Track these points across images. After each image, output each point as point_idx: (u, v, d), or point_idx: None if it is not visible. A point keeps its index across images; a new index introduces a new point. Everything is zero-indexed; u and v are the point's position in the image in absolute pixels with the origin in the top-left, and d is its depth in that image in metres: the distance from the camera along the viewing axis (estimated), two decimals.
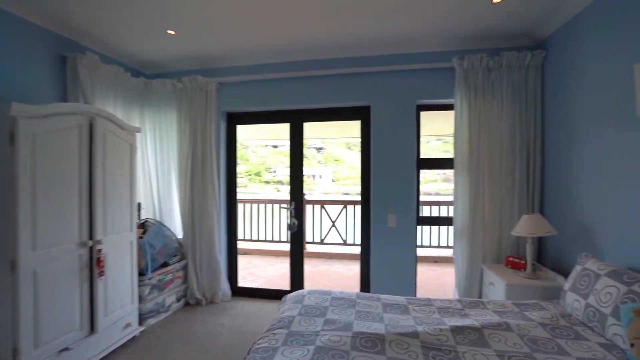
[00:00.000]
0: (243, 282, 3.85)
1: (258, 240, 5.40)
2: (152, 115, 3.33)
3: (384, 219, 3.07)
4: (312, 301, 2.03)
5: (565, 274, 2.28)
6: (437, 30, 2.68)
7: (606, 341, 1.53)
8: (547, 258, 2.60)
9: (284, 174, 14.85)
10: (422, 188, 3.20)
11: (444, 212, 5.02)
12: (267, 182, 14.42)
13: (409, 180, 3.04)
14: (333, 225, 5.21)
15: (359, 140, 3.28)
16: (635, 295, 1.48)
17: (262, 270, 4.50)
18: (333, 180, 14.57)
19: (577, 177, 2.28)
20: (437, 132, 4.53)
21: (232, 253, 3.53)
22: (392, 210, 3.05)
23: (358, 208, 5.10)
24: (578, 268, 1.89)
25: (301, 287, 3.36)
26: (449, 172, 3.06)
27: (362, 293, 2.19)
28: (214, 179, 3.23)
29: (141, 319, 2.66)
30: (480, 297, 2.76)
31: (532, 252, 2.37)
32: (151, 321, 2.77)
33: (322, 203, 5.43)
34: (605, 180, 2.02)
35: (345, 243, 5.16)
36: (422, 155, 3.15)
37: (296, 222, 3.32)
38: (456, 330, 1.61)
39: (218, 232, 3.27)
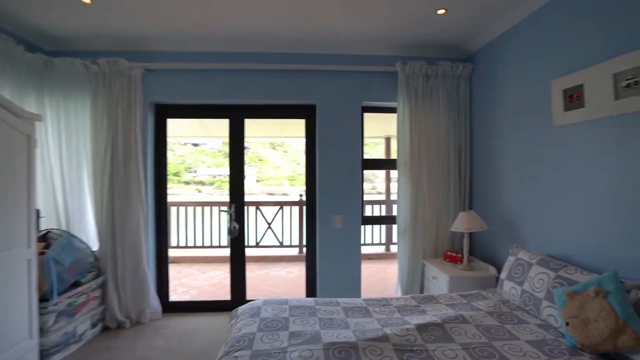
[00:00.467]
0: (173, 295, 3.43)
1: (187, 247, 4.89)
2: (55, 101, 2.70)
3: (330, 220, 3.04)
4: (270, 313, 1.87)
5: (494, 264, 2.57)
6: (384, 35, 2.75)
7: (541, 322, 1.74)
8: (477, 250, 2.89)
9: (206, 174, 13.90)
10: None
11: (378, 210, 5.27)
12: (187, 183, 13.34)
13: (355, 180, 3.07)
14: (269, 228, 5.02)
15: (292, 139, 3.19)
16: (563, 280, 1.70)
17: (194, 280, 4.07)
18: (257, 181, 14.20)
19: (502, 178, 2.57)
20: (371, 134, 4.71)
21: (163, 263, 3.10)
22: (338, 210, 3.04)
23: (295, 209, 5.08)
24: (511, 259, 2.13)
25: (243, 295, 3.13)
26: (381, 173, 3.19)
27: (319, 299, 2.10)
28: (140, 179, 2.78)
29: (44, 357, 2.13)
30: (422, 290, 2.93)
31: (467, 246, 2.60)
32: (57, 357, 2.23)
33: (257, 204, 5.19)
34: (525, 181, 2.32)
35: (282, 245, 5.02)
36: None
37: (237, 226, 3.07)
38: (421, 329, 1.65)
39: (145, 240, 2.83)
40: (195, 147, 14.05)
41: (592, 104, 1.81)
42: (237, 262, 3.14)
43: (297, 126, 4.48)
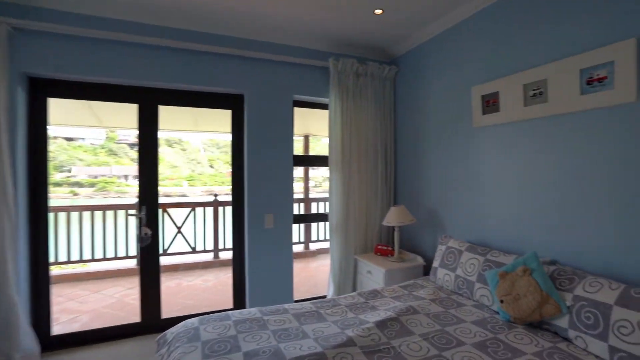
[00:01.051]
0: (56, 325, 2.67)
1: (70, 262, 3.91)
2: None
3: (261, 220, 2.82)
4: (212, 333, 1.58)
5: (421, 254, 2.78)
6: (319, 28, 2.66)
7: (476, 302, 1.92)
8: (403, 243, 3.07)
9: (85, 174, 11.70)
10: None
11: (297, 209, 5.20)
12: (58, 184, 10.99)
13: (286, 177, 2.92)
14: (179, 232, 4.43)
15: (208, 133, 2.88)
16: (492, 263, 1.92)
17: (83, 303, 3.27)
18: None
19: (426, 174, 2.80)
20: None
21: (40, 286, 2.36)
22: (269, 210, 2.85)
23: (209, 210, 4.61)
24: (442, 247, 2.32)
25: (158, 315, 2.64)
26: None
27: (264, 308, 1.90)
28: (4, 176, 2.05)
29: None
30: (355, 285, 2.98)
31: (398, 239, 2.74)
32: None
33: (164, 207, 4.52)
34: (447, 177, 2.56)
35: (194, 251, 4.50)
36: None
37: (149, 232, 2.58)
38: (380, 326, 1.63)
39: (13, 257, 2.10)
40: (69, 141, 11.68)
41: (506, 109, 2.10)
42: (150, 275, 2.63)
43: (215, 119, 4.09)
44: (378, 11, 2.40)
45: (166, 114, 2.81)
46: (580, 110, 1.72)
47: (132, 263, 4.10)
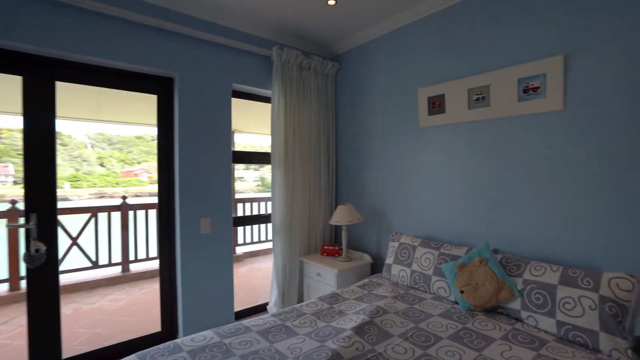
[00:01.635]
0: None
1: None
2: None
3: (195, 225, 2.44)
4: None
5: (365, 252, 2.80)
6: (265, 12, 2.43)
7: (434, 295, 2.00)
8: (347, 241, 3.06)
9: None
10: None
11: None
12: None
13: (225, 175, 2.60)
14: (74, 244, 3.58)
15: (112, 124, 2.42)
16: (446, 256, 2.02)
17: None
18: (15, 182, 10.26)
19: (371, 173, 2.83)
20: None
21: None
22: (206, 212, 2.49)
23: (116, 215, 3.84)
24: (395, 244, 2.36)
25: (57, 354, 2.03)
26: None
27: (220, 329, 1.61)
28: None
29: None
30: (301, 289, 2.84)
31: (346, 238, 2.71)
32: None
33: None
34: (393, 175, 2.64)
35: (96, 266, 3.69)
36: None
37: (42, 248, 1.96)
38: (359, 332, 1.53)
39: None
40: None
41: (451, 111, 2.24)
42: (44, 303, 2.00)
43: (128, 105, 3.41)
44: (331, 2, 2.30)
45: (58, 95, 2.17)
46: (518, 115, 1.93)
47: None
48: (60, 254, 3.35)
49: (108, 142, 12.35)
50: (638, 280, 1.44)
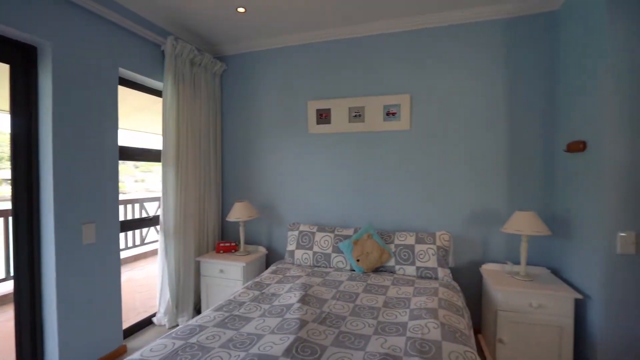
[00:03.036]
0: None
1: None
2: None
3: (76, 234, 2.00)
4: None
5: (259, 244, 3.05)
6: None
7: (334, 268, 2.52)
8: (237, 235, 3.16)
9: None
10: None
11: None
12: None
13: (111, 174, 2.23)
14: None
15: None
16: (341, 236, 2.59)
17: None
18: None
19: (261, 172, 3.08)
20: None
21: None
22: (90, 218, 2.08)
23: None
24: (295, 233, 2.73)
25: None
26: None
27: (173, 333, 1.53)
28: None
29: None
30: (198, 291, 2.76)
31: (244, 233, 2.85)
32: None
33: None
34: (283, 174, 3.01)
35: None
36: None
37: None
38: (305, 302, 1.85)
39: None
40: None
41: (336, 122, 2.85)
42: None
43: None
44: (241, 9, 2.43)
45: None
46: (383, 130, 2.73)
47: None
48: None
49: None
50: (450, 235, 2.45)
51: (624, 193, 1.71)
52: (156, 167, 7.00)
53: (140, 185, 7.69)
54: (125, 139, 2.56)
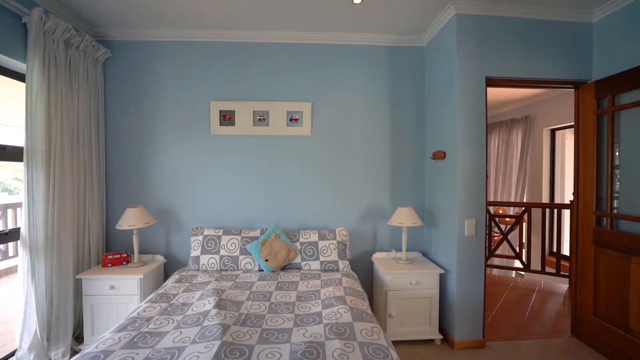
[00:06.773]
0: None
1: None
2: None
3: None
4: None
5: (154, 253, 2.80)
6: None
7: (243, 269, 2.54)
8: (129, 245, 2.80)
9: None
10: None
11: None
12: None
13: None
14: None
15: None
16: (248, 238, 2.63)
17: None
18: None
19: (156, 175, 2.82)
20: None
21: None
22: None
23: None
24: (199, 237, 2.62)
25: None
26: None
27: None
28: None
29: None
30: (78, 314, 2.34)
31: (138, 242, 2.57)
32: None
33: None
34: (182, 176, 2.84)
35: None
36: None
37: None
38: (221, 307, 1.84)
39: None
40: None
41: (240, 125, 2.86)
42: None
43: None
44: None
45: None
46: (287, 135, 2.89)
47: None
48: None
49: None
50: (348, 230, 2.79)
51: (467, 190, 2.32)
52: (10, 168, 5.43)
53: None
54: None
